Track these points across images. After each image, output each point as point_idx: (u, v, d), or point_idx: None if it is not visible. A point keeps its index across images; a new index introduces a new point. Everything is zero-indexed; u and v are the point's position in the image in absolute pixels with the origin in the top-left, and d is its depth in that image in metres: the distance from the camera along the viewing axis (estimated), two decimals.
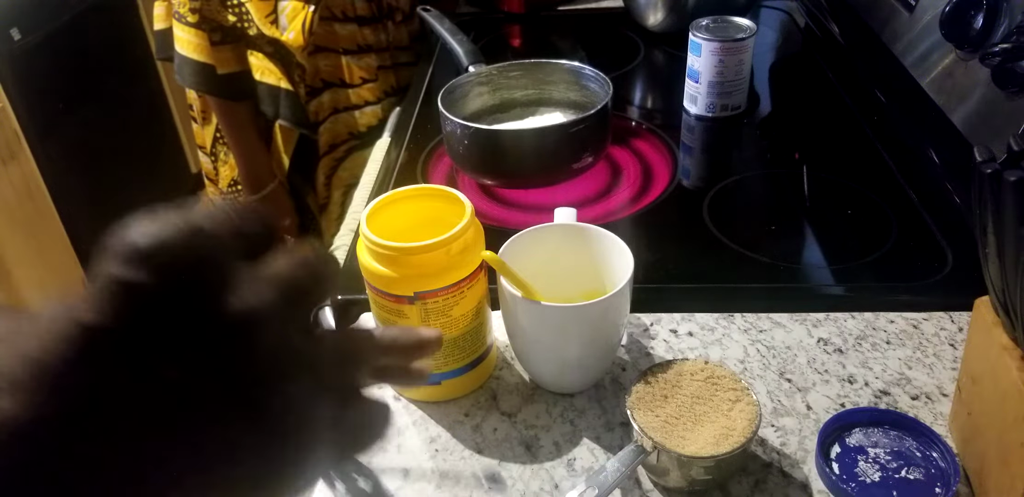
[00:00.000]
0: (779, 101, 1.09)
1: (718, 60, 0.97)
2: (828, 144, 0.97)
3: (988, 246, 0.47)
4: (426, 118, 1.05)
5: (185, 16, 1.17)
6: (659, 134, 1.01)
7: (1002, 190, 0.44)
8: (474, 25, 1.30)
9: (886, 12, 1.03)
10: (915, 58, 0.94)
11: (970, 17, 0.80)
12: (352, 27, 1.21)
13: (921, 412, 0.60)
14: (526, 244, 0.63)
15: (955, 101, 0.85)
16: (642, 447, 0.54)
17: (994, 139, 0.76)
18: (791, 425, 0.60)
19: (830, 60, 1.15)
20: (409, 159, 0.98)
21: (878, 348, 0.66)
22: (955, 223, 0.79)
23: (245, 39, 1.19)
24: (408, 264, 0.55)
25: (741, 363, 0.66)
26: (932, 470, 0.54)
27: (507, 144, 0.86)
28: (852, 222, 0.83)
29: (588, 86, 0.93)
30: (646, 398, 0.55)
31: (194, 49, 1.19)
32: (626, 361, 0.67)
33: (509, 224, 0.84)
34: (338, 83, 1.24)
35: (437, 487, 0.57)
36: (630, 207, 0.87)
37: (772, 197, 0.92)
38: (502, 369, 0.67)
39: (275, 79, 1.20)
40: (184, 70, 1.22)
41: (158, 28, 1.28)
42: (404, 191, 0.61)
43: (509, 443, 0.60)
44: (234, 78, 1.22)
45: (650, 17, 1.23)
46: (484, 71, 0.94)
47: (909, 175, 0.88)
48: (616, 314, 0.60)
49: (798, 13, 1.31)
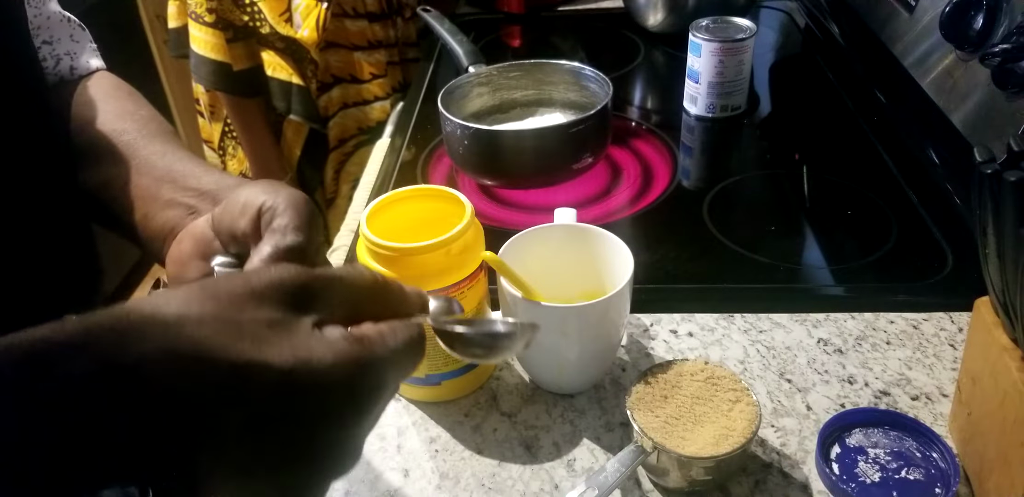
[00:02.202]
0: (779, 101, 1.09)
1: (718, 60, 0.97)
2: (828, 144, 0.97)
3: (988, 246, 0.47)
4: (426, 118, 1.05)
5: (202, 16, 1.17)
6: (659, 134, 1.01)
7: (1002, 190, 0.44)
8: (474, 25, 1.30)
9: (886, 12, 1.03)
10: (915, 58, 0.94)
11: (970, 17, 0.80)
12: (362, 23, 1.22)
13: (921, 412, 0.60)
14: (526, 244, 0.63)
15: (955, 101, 0.85)
16: (642, 447, 0.54)
17: (994, 139, 0.76)
18: (791, 425, 0.60)
19: (830, 60, 1.15)
20: (409, 159, 0.98)
21: (878, 348, 0.66)
22: (955, 223, 0.79)
23: (257, 36, 1.20)
24: (408, 264, 0.55)
25: (741, 363, 0.66)
26: (932, 470, 0.54)
27: (507, 144, 0.86)
28: (852, 222, 0.83)
29: (588, 86, 0.93)
30: (646, 398, 0.55)
31: (211, 48, 1.20)
32: (626, 361, 0.67)
33: (509, 224, 0.84)
34: (348, 79, 1.25)
35: (437, 487, 0.57)
36: (630, 207, 0.87)
37: (772, 197, 0.92)
38: (502, 369, 0.67)
39: (287, 75, 1.21)
40: (201, 69, 1.22)
41: (172, 26, 1.29)
42: (404, 191, 0.61)
43: (509, 443, 0.60)
44: (247, 74, 1.23)
45: (650, 17, 1.23)
46: (484, 71, 0.94)
47: (909, 175, 0.88)
48: (616, 314, 0.60)
49: (798, 13, 1.31)
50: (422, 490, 0.57)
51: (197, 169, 0.52)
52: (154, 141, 0.55)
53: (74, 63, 0.63)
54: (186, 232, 0.49)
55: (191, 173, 0.52)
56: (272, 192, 0.45)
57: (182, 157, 0.54)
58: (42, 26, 0.61)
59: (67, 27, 0.63)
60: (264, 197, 0.45)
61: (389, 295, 0.37)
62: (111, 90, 0.61)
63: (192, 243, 0.48)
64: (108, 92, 0.61)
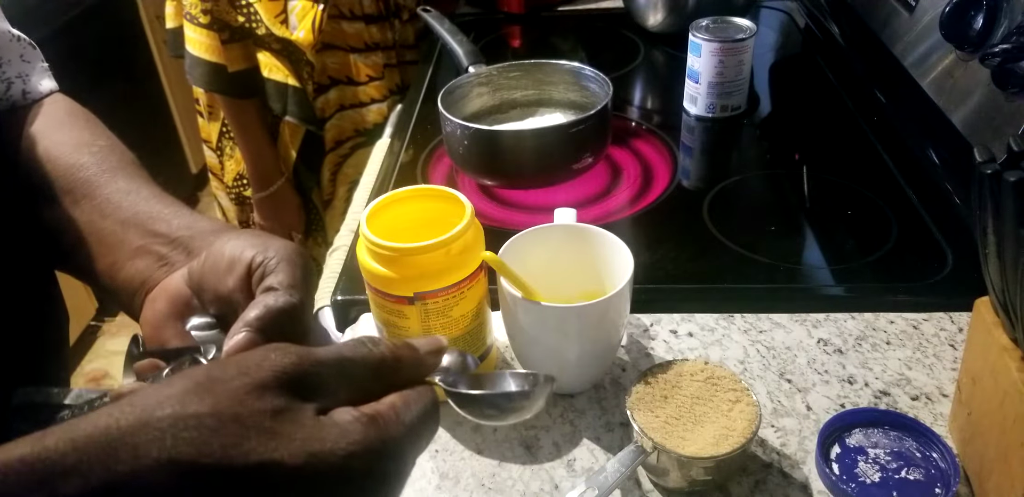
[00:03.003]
0: (779, 101, 1.09)
1: (718, 61, 0.97)
2: (828, 144, 0.97)
3: (988, 246, 0.47)
4: (426, 118, 1.05)
5: (197, 17, 1.17)
6: (659, 134, 1.01)
7: (1002, 190, 0.44)
8: (474, 26, 1.30)
9: (886, 12, 1.03)
10: (915, 58, 0.94)
11: (970, 17, 0.80)
12: (359, 25, 1.22)
13: (921, 413, 0.60)
14: (526, 244, 0.63)
15: (955, 101, 0.85)
16: (642, 447, 0.54)
17: (994, 139, 0.76)
18: (791, 425, 0.60)
19: (830, 60, 1.15)
20: (409, 159, 0.98)
21: (878, 348, 0.66)
22: (955, 223, 0.79)
23: (253, 38, 1.20)
24: (408, 265, 0.55)
25: (741, 364, 0.66)
26: (932, 470, 0.54)
27: (507, 145, 0.86)
28: (852, 222, 0.83)
29: (588, 86, 0.93)
30: (646, 398, 0.55)
31: (206, 49, 1.20)
32: (626, 362, 0.67)
33: (509, 224, 0.84)
34: (345, 81, 1.25)
35: (437, 487, 0.57)
36: (630, 207, 0.87)
37: (772, 197, 0.92)
38: (502, 369, 0.67)
39: (283, 76, 1.20)
40: (195, 70, 1.22)
41: (170, 27, 1.29)
42: (404, 192, 0.61)
43: (509, 444, 0.60)
44: (243, 76, 1.23)
45: (650, 17, 1.23)
46: (484, 72, 0.94)
47: (909, 175, 0.88)
48: (616, 314, 0.60)
49: (798, 13, 1.31)
50: (422, 490, 0.57)
51: (166, 210, 0.49)
52: (116, 177, 0.51)
53: (26, 86, 0.58)
54: (160, 289, 0.46)
55: (159, 216, 0.48)
56: (261, 245, 0.42)
57: (147, 196, 0.50)
58: None
59: (16, 47, 0.58)
60: (253, 252, 0.41)
61: (400, 367, 0.35)
62: (65, 118, 0.57)
63: (167, 303, 0.45)
64: (62, 120, 0.56)
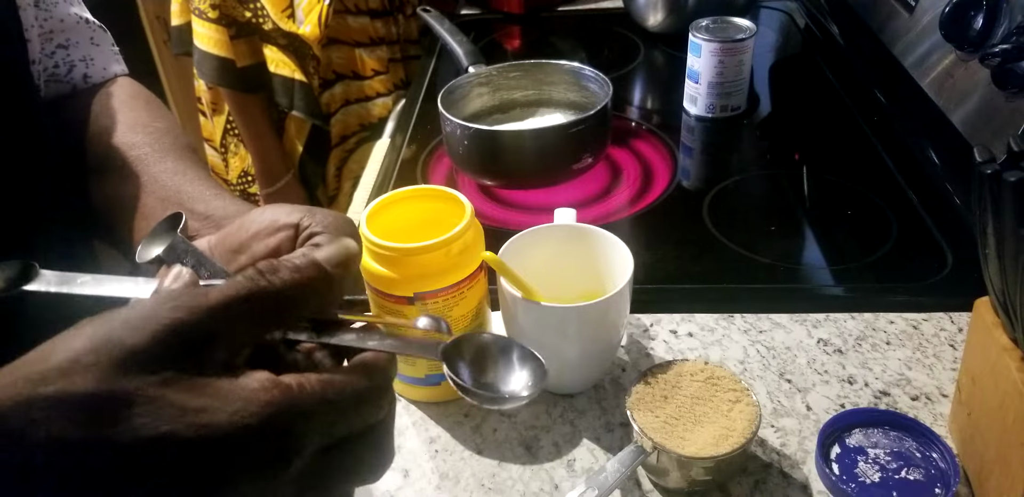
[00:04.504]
0: (779, 101, 1.09)
1: (718, 61, 0.97)
2: (828, 144, 0.97)
3: (988, 246, 0.47)
4: (426, 118, 1.05)
5: (206, 12, 1.18)
6: (659, 135, 1.01)
7: (1002, 190, 0.44)
8: (474, 26, 1.30)
9: (886, 12, 1.03)
10: (915, 59, 0.94)
11: (970, 18, 0.80)
12: (364, 20, 1.22)
13: (921, 413, 0.60)
14: (526, 245, 0.63)
15: (955, 101, 0.85)
16: (642, 448, 0.54)
17: (994, 139, 0.76)
18: (791, 426, 0.60)
19: (830, 60, 1.15)
20: (409, 159, 0.98)
21: (878, 349, 0.66)
22: (955, 223, 0.79)
23: (259, 33, 1.20)
24: (408, 265, 0.55)
25: (741, 364, 0.66)
26: (932, 471, 0.54)
27: (507, 145, 0.86)
28: (852, 223, 0.83)
29: (588, 87, 0.93)
30: (646, 399, 0.55)
31: (215, 44, 1.20)
32: (626, 362, 0.67)
33: (509, 225, 0.84)
34: (350, 75, 1.25)
35: (437, 487, 0.57)
36: (630, 207, 0.87)
37: (772, 198, 0.92)
38: None
39: (289, 71, 1.21)
40: (204, 65, 1.23)
41: (175, 24, 1.29)
42: (404, 192, 0.61)
43: (509, 444, 0.60)
44: (251, 71, 1.23)
45: (650, 17, 1.23)
46: (484, 72, 0.94)
47: (909, 175, 0.88)
48: (616, 314, 0.60)
49: (798, 13, 1.31)
50: (422, 490, 0.57)
51: (208, 192, 0.49)
52: (166, 157, 0.52)
53: (88, 70, 0.60)
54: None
55: (199, 196, 0.49)
56: (306, 211, 0.40)
57: (193, 178, 0.51)
58: (55, 30, 0.58)
59: (86, 30, 0.60)
60: (300, 215, 0.40)
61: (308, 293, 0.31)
62: (128, 99, 0.59)
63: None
64: (125, 101, 0.58)
